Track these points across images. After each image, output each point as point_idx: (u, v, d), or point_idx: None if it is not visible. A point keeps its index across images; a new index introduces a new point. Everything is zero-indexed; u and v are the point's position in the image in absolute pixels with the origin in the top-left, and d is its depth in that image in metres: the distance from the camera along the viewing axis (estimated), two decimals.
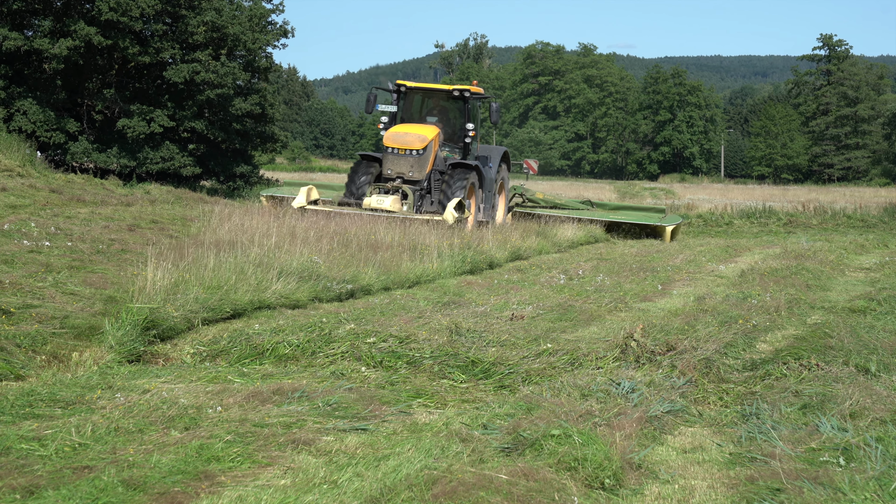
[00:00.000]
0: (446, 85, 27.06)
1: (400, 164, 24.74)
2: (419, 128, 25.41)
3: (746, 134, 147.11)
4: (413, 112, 27.21)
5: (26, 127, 36.90)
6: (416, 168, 24.74)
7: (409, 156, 24.71)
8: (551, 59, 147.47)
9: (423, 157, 24.78)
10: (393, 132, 25.07)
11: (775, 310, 14.69)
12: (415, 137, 24.77)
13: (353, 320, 12.33)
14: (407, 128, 25.36)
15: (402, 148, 24.69)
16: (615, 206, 33.16)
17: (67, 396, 8.76)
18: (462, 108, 26.74)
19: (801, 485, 7.10)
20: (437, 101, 27.20)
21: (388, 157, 24.94)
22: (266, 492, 6.77)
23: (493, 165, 27.27)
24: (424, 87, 27.36)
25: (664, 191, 70.72)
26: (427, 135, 24.91)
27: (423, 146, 24.71)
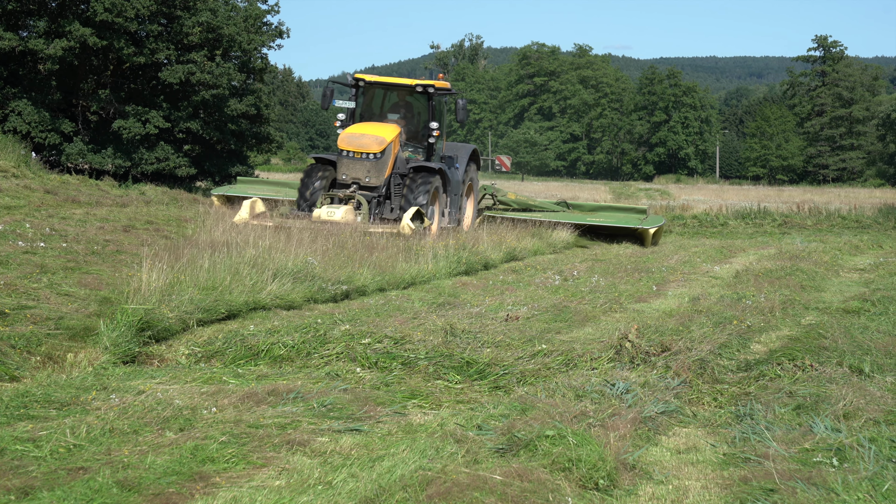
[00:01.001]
0: (409, 79, 24.67)
1: (355, 168, 22.35)
2: (377, 128, 23.06)
3: (741, 135, 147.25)
4: (373, 109, 24.83)
5: (21, 128, 36.87)
6: (374, 173, 22.38)
7: (366, 160, 22.30)
8: (547, 59, 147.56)
9: (381, 161, 22.44)
10: (348, 133, 22.74)
11: (770, 311, 14.72)
12: (372, 139, 22.41)
13: (349, 321, 12.34)
14: (364, 128, 22.99)
15: (357, 151, 22.33)
16: (592, 208, 30.33)
17: (62, 397, 8.76)
18: (426, 104, 24.45)
19: (795, 485, 7.12)
20: (399, 96, 24.90)
21: (343, 161, 22.50)
22: (261, 493, 6.78)
23: (460, 166, 25.23)
24: (385, 82, 24.61)
25: (659, 191, 70.74)
26: (386, 136, 22.59)
27: (381, 149, 22.38)
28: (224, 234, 17.65)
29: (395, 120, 24.04)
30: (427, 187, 22.28)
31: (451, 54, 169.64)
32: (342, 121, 23.84)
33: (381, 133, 22.55)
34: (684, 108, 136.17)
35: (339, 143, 22.61)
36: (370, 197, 22.08)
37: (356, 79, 24.13)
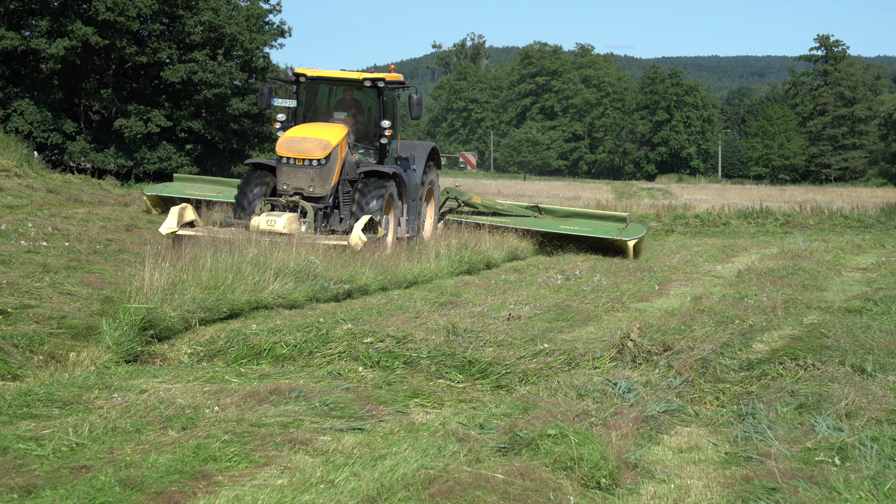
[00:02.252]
0: (356, 73, 21.73)
1: (297, 177, 19.30)
2: (322, 129, 20.08)
3: (744, 134, 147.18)
4: (318, 107, 21.82)
5: (23, 127, 36.90)
6: (318, 182, 19.36)
7: (309, 167, 19.25)
8: (549, 59, 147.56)
9: (326, 168, 19.37)
10: (288, 137, 19.67)
11: (772, 310, 14.71)
12: (315, 144, 19.34)
13: (351, 320, 12.34)
14: (306, 130, 19.99)
15: (299, 158, 19.27)
16: (567, 213, 26.39)
17: (65, 396, 8.77)
18: (377, 100, 21.36)
19: (797, 484, 7.12)
20: (346, 93, 21.84)
21: (283, 170, 19.43)
22: (263, 491, 6.79)
23: (417, 167, 22.14)
24: (329, 77, 21.51)
25: (662, 191, 70.75)
26: (331, 139, 19.55)
27: (326, 154, 19.30)
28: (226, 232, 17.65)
29: (342, 119, 21.23)
30: (380, 193, 19.47)
31: (452, 53, 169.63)
32: (282, 122, 20.85)
33: (325, 136, 19.64)
34: (686, 108, 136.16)
35: (277, 148, 19.60)
36: (315, 210, 19.13)
37: (297, 74, 21.26)
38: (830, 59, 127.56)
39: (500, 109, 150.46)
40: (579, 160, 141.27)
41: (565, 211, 26.58)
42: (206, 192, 24.64)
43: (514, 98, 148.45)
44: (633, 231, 24.50)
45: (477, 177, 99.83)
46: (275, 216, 18.22)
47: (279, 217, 18.17)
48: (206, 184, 26.31)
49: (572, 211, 26.78)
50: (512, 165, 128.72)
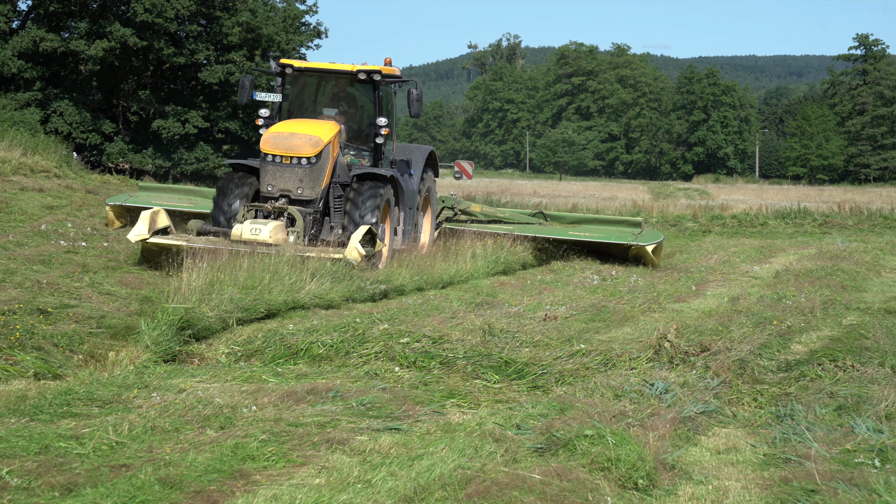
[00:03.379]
0: (348, 65, 19.26)
1: (284, 177, 17.26)
2: (311, 125, 17.91)
3: (781, 134, 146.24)
4: (305, 103, 19.60)
5: (63, 128, 37.24)
6: (308, 183, 17.29)
7: (297, 166, 17.20)
8: (585, 59, 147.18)
9: (316, 168, 17.30)
10: (274, 133, 17.57)
11: (810, 311, 14.62)
12: (304, 140, 17.30)
13: (387, 321, 12.37)
14: (294, 125, 17.85)
15: (286, 155, 17.21)
16: (576, 219, 24.27)
17: (104, 395, 8.84)
18: (371, 95, 19.05)
19: (836, 486, 7.08)
20: (337, 86, 19.64)
21: (268, 169, 17.35)
22: (300, 491, 6.81)
23: (414, 172, 20.19)
24: (319, 69, 19.31)
25: (698, 191, 70.42)
26: (322, 135, 17.48)
27: (317, 152, 17.23)
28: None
29: (332, 116, 19.02)
30: (376, 201, 17.28)
31: (488, 54, 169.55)
32: (265, 118, 18.71)
33: (316, 132, 17.55)
34: (723, 108, 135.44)
35: (262, 145, 17.50)
36: (305, 213, 17.17)
37: (282, 65, 19.02)
38: (870, 58, 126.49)
39: (536, 110, 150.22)
40: (615, 160, 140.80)
41: (573, 217, 24.61)
42: (176, 202, 21.55)
43: (549, 98, 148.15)
44: (650, 236, 22.36)
45: (513, 177, 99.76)
46: (259, 224, 16.26)
47: (264, 225, 16.21)
48: (177, 193, 23.40)
49: (581, 217, 24.96)
50: (548, 166, 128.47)
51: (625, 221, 23.90)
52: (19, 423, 7.90)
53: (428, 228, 21.44)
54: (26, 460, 7.01)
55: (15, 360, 9.83)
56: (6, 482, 6.60)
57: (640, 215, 37.77)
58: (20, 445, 7.30)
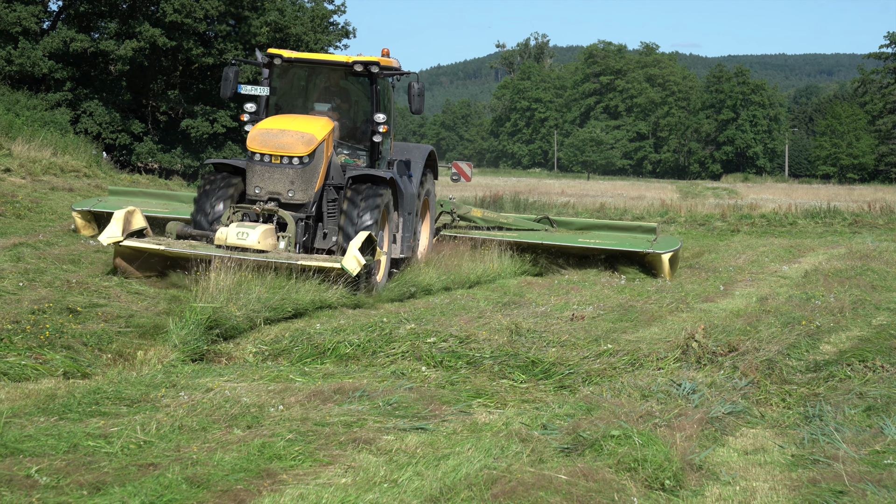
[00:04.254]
0: (343, 56, 17.71)
1: (273, 178, 15.50)
2: (303, 121, 16.12)
3: (811, 133, 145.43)
4: (295, 97, 17.72)
5: (92, 129, 37.47)
6: (299, 185, 15.49)
7: (288, 166, 15.45)
8: (613, 58, 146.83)
9: (309, 168, 15.53)
10: (263, 130, 15.80)
11: (839, 311, 14.53)
12: (296, 138, 15.54)
13: (414, 320, 12.39)
14: (284, 122, 16.07)
15: (276, 154, 15.45)
16: (585, 225, 22.43)
17: (132, 394, 8.89)
18: (368, 89, 17.19)
19: (865, 487, 7.04)
20: (330, 79, 17.73)
21: (255, 169, 15.57)
22: (327, 490, 6.83)
23: (414, 174, 18.41)
24: (310, 59, 17.56)
25: (727, 190, 70.16)
26: (315, 132, 15.74)
27: (310, 150, 15.45)
28: None
29: (325, 112, 17.29)
30: (375, 204, 15.62)
31: (516, 53, 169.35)
32: (251, 114, 16.94)
33: (309, 129, 15.80)
34: (753, 107, 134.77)
35: (248, 143, 15.72)
36: (294, 219, 15.40)
37: (269, 55, 17.21)
38: None
39: (564, 109, 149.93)
40: (643, 160, 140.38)
41: (582, 222, 22.79)
42: (150, 207, 19.60)
43: (577, 97, 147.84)
44: (666, 243, 20.55)
45: (540, 176, 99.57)
46: (247, 228, 14.61)
47: (252, 229, 14.56)
48: (152, 198, 21.45)
49: (590, 222, 22.99)
50: (575, 165, 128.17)
51: (638, 227, 21.81)
52: (48, 421, 7.96)
53: (426, 236, 19.59)
54: (55, 459, 7.06)
55: (44, 359, 9.91)
56: (35, 480, 6.65)
57: (668, 214, 37.66)
58: (49, 444, 7.35)
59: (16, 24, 38.15)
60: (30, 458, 7.05)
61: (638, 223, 22.26)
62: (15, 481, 6.59)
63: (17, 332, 10.32)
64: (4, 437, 7.40)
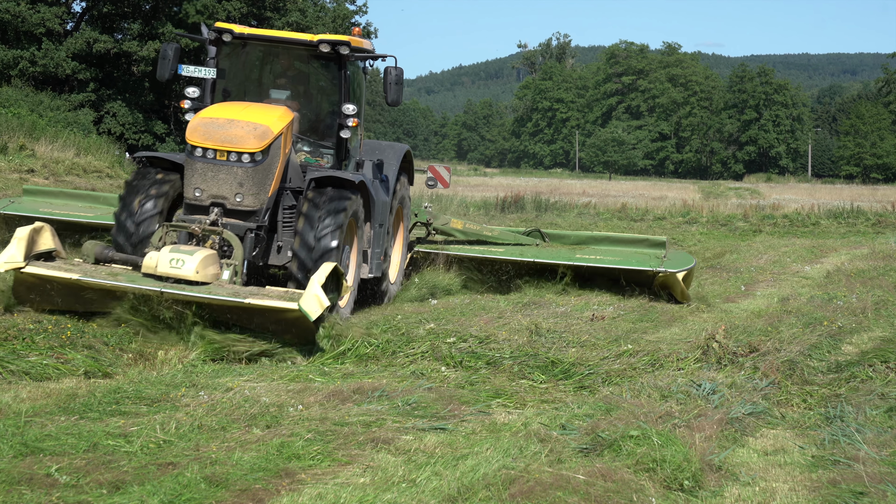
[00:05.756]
0: (305, 34, 14.77)
1: (218, 179, 12.57)
2: (256, 111, 13.22)
3: (835, 133, 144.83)
4: (247, 81, 14.86)
5: (115, 129, 37.67)
6: (249, 187, 12.61)
7: (237, 164, 12.55)
8: (635, 58, 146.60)
9: (262, 168, 12.67)
10: (206, 119, 12.94)
11: (861, 311, 14.45)
12: (247, 130, 12.68)
13: (434, 320, 12.39)
14: (233, 109, 13.23)
15: (221, 149, 12.58)
16: (582, 239, 18.59)
17: (153, 394, 8.92)
18: (336, 75, 14.33)
19: (885, 488, 7.01)
20: (290, 62, 14.82)
21: (196, 167, 12.64)
22: (345, 490, 6.84)
23: (388, 176, 15.50)
24: (266, 37, 14.47)
25: (749, 190, 69.95)
26: (271, 124, 12.89)
27: (264, 145, 12.64)
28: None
29: (284, 101, 14.40)
30: (339, 217, 12.78)
31: (538, 53, 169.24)
32: (193, 100, 14.11)
33: (263, 119, 12.97)
34: (775, 106, 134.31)
35: (188, 134, 12.82)
36: (243, 230, 12.60)
37: (217, 30, 14.30)
38: None
39: (586, 109, 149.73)
40: (665, 160, 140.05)
41: (579, 235, 18.97)
42: (71, 210, 16.88)
43: (599, 97, 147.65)
44: (679, 260, 16.98)
45: (562, 177, 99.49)
46: (182, 254, 11.62)
47: (189, 255, 11.61)
48: (73, 199, 18.09)
49: (589, 235, 19.14)
50: (597, 165, 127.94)
51: (644, 241, 18.04)
52: (69, 420, 7.99)
53: (399, 252, 16.43)
54: (75, 458, 7.10)
55: (66, 359, 9.97)
56: (55, 479, 6.68)
57: (690, 214, 37.55)
58: (69, 443, 7.39)
59: (39, 26, 38.40)
60: (50, 456, 7.09)
61: (645, 236, 18.50)
62: (35, 480, 6.63)
63: (39, 332, 10.39)
64: (25, 435, 7.44)
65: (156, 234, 12.35)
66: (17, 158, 27.94)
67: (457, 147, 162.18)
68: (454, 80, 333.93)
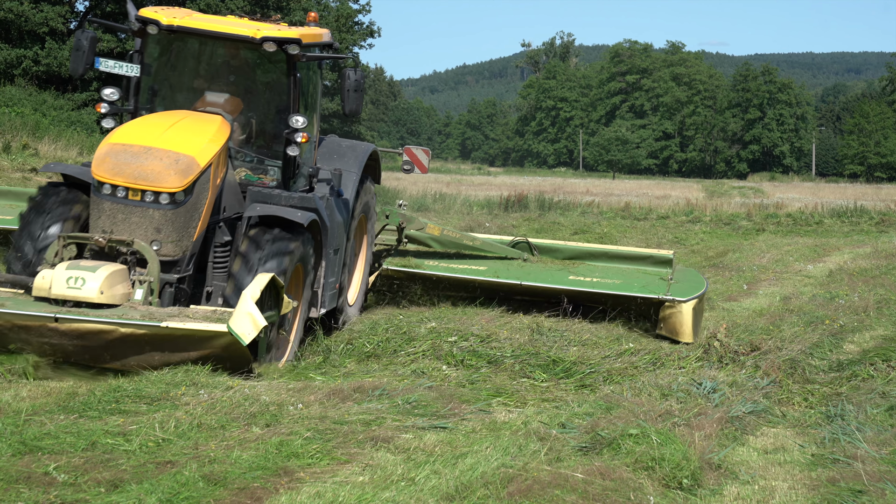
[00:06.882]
0: (247, 25, 12.04)
1: (129, 223, 10.34)
2: (181, 131, 10.85)
3: (839, 132, 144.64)
4: (178, 80, 12.34)
5: None
6: (169, 234, 10.43)
7: (153, 206, 10.34)
8: (639, 57, 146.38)
9: (184, 209, 10.49)
10: (115, 146, 10.52)
11: (864, 310, 14.46)
12: (166, 162, 10.39)
13: (435, 319, 12.38)
14: (150, 130, 10.79)
15: (134, 188, 10.29)
16: (575, 253, 15.44)
17: (153, 393, 8.91)
18: (284, 75, 11.88)
19: (884, 487, 7.00)
20: (230, 57, 12.36)
21: (103, 207, 10.38)
22: (344, 488, 6.84)
23: (347, 188, 12.94)
24: (201, 30, 11.72)
25: (753, 189, 69.87)
26: (197, 153, 10.58)
27: (187, 183, 10.40)
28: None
29: (220, 104, 11.88)
30: (282, 261, 10.53)
31: (542, 52, 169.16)
32: (112, 104, 11.46)
33: (188, 144, 10.64)
34: (779, 105, 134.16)
35: (94, 166, 10.46)
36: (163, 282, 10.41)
37: (142, 19, 11.57)
38: None
39: (590, 108, 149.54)
40: (669, 159, 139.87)
41: (573, 249, 15.76)
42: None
43: (603, 97, 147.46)
44: (688, 285, 13.93)
45: (565, 175, 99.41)
46: (83, 271, 9.74)
47: (91, 272, 9.74)
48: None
49: (584, 248, 15.91)
50: (601, 164, 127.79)
51: (649, 257, 15.15)
52: (68, 419, 8.00)
53: (361, 269, 14.01)
54: (73, 456, 7.10)
55: None
56: (53, 478, 6.68)
57: (694, 213, 37.50)
58: (68, 441, 7.39)
59: (43, 25, 38.42)
60: (48, 455, 7.10)
61: (650, 252, 15.58)
62: (33, 478, 6.64)
63: None
64: (24, 434, 7.45)
65: (50, 249, 10.24)
66: (21, 158, 27.91)
67: (461, 146, 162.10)
68: (458, 79, 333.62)
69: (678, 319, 12.95)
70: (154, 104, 11.98)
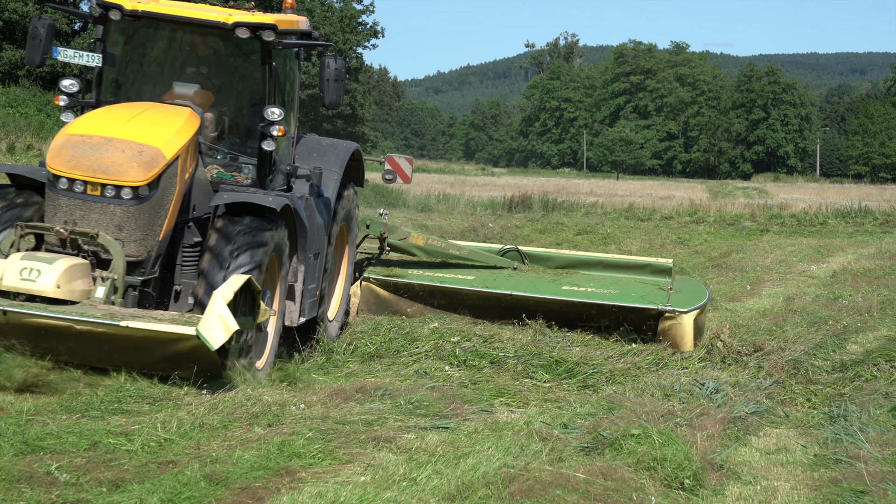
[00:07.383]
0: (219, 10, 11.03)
1: (88, 220, 9.57)
2: (145, 122, 10.09)
3: (843, 132, 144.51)
4: (144, 70, 11.48)
5: None
6: (132, 231, 9.66)
7: (114, 202, 9.57)
8: (643, 57, 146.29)
9: (149, 205, 9.72)
10: (73, 136, 9.75)
11: (867, 310, 14.45)
12: (129, 154, 9.63)
13: (438, 319, 12.38)
14: (112, 121, 10.02)
15: (93, 181, 9.51)
16: (569, 262, 14.87)
17: (155, 392, 8.91)
18: (259, 65, 10.99)
19: (886, 487, 7.00)
20: (200, 46, 11.46)
21: (59, 202, 9.62)
22: (345, 488, 6.83)
23: (327, 189, 12.08)
24: (168, 15, 10.83)
25: (757, 190, 69.80)
26: (163, 143, 9.84)
27: (152, 176, 9.65)
28: None
29: (189, 96, 11.02)
30: (256, 254, 9.74)
31: (546, 53, 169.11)
32: (71, 96, 10.72)
33: (153, 136, 9.88)
34: (784, 106, 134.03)
35: (49, 158, 9.69)
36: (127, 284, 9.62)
37: (104, 5, 10.69)
38: None
39: (594, 108, 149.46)
40: (673, 159, 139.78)
41: (566, 257, 15.17)
42: None
43: (607, 97, 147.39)
44: (689, 294, 13.28)
45: (569, 176, 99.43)
46: (39, 262, 9.06)
47: (47, 265, 9.03)
48: None
49: (578, 257, 15.32)
50: (605, 165, 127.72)
51: (647, 266, 14.53)
52: (70, 419, 7.99)
53: (343, 278, 13.19)
54: (76, 456, 7.10)
55: None
56: (55, 477, 6.68)
57: (698, 214, 37.45)
58: (70, 441, 7.39)
59: None
60: (51, 455, 7.09)
61: (648, 260, 14.82)
62: (35, 478, 6.63)
63: None
64: (26, 434, 7.44)
65: (6, 238, 9.52)
66: (25, 158, 27.95)
67: (464, 147, 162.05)
68: (462, 79, 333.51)
69: (678, 331, 12.26)
70: (118, 97, 11.10)
